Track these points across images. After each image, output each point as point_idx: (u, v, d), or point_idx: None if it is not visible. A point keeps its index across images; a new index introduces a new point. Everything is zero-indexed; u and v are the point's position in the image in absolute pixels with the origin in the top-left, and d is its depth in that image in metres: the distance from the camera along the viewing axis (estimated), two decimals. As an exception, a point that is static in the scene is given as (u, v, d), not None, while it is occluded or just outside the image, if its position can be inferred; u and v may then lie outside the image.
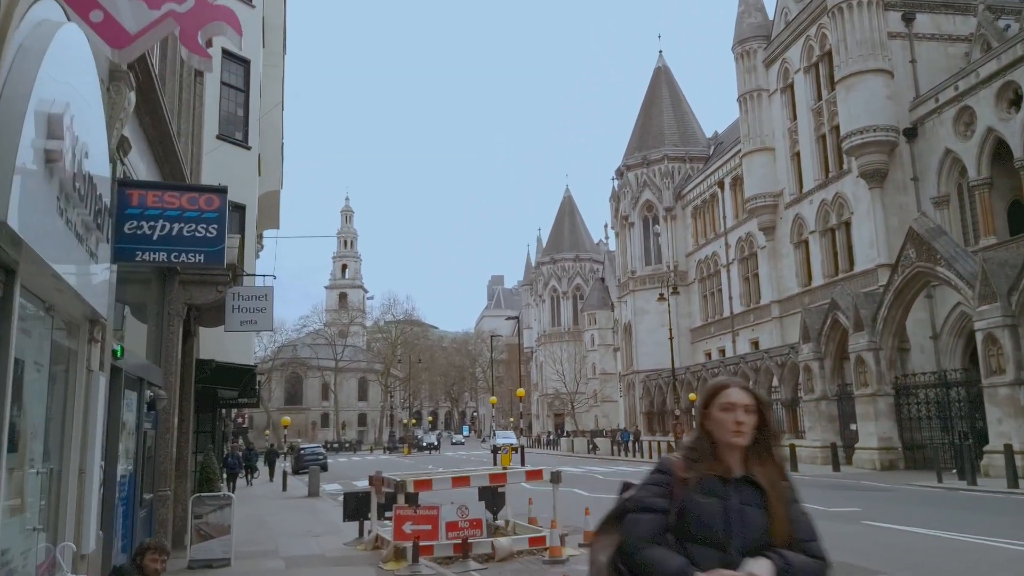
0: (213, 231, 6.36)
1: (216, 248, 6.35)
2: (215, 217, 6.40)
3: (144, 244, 6.16)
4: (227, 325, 11.92)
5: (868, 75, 33.82)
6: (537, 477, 10.57)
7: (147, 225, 6.16)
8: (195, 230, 6.30)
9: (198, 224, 6.32)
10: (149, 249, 6.18)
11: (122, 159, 6.21)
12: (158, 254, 6.22)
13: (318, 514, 18.16)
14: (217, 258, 6.38)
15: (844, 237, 37.30)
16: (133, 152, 7.28)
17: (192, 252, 6.30)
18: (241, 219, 14.35)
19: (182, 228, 6.27)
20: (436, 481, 10.10)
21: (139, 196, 6.18)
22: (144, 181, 6.41)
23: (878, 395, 28.29)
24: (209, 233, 6.34)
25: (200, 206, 6.35)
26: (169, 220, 6.23)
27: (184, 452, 12.25)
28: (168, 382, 10.37)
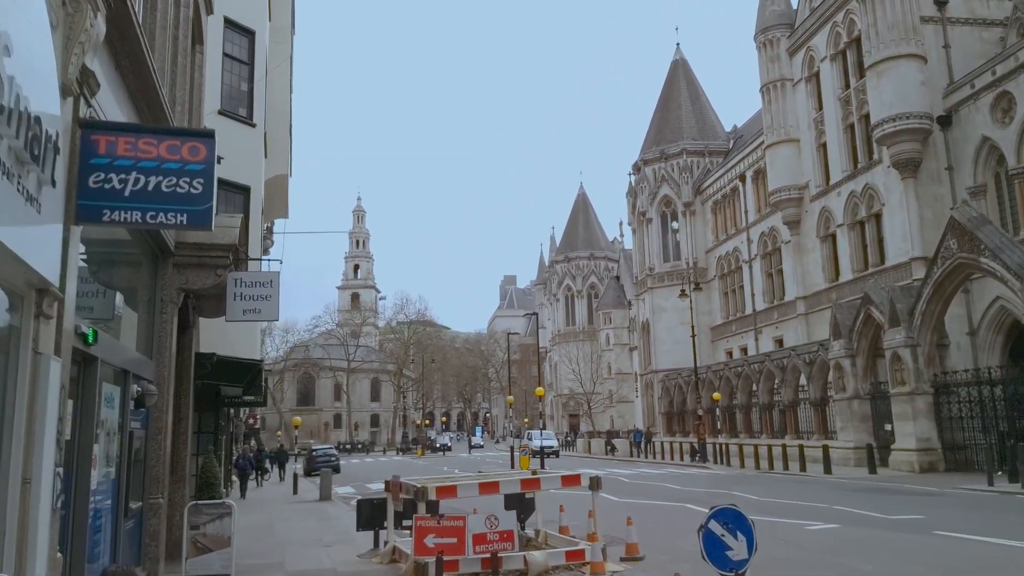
0: (198, 186, 5.21)
1: (202, 208, 5.21)
2: (201, 170, 5.26)
3: (113, 201, 5.02)
4: (228, 314, 10.80)
5: (900, 60, 32.41)
6: (574, 483, 9.37)
7: (117, 178, 5.03)
8: (176, 185, 5.16)
9: (180, 178, 5.18)
10: (119, 207, 5.04)
11: (86, 96, 5.07)
12: (130, 213, 5.08)
13: (329, 520, 17.05)
14: (203, 220, 5.24)
15: (874, 230, 35.88)
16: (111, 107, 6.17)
17: (173, 212, 5.16)
18: (245, 202, 13.26)
19: (160, 182, 5.13)
20: (461, 487, 8.92)
21: (107, 143, 5.05)
22: (114, 123, 5.30)
23: (916, 394, 26.89)
24: (193, 189, 5.20)
25: (183, 156, 5.21)
26: (144, 172, 5.10)
27: (182, 454, 11.14)
28: (161, 376, 9.26)
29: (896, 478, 24.01)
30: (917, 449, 26.44)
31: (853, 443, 29.99)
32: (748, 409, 41.15)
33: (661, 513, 14.64)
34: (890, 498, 17.10)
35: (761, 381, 39.20)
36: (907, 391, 27.06)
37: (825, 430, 33.68)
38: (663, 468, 34.36)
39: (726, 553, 6.73)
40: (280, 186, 17.45)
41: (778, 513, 14.16)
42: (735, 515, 6.83)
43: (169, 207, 5.13)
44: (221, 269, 9.70)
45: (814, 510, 14.56)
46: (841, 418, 31.22)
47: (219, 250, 9.67)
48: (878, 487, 20.63)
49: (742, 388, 41.59)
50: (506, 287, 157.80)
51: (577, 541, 9.79)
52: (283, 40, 16.82)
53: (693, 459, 38.04)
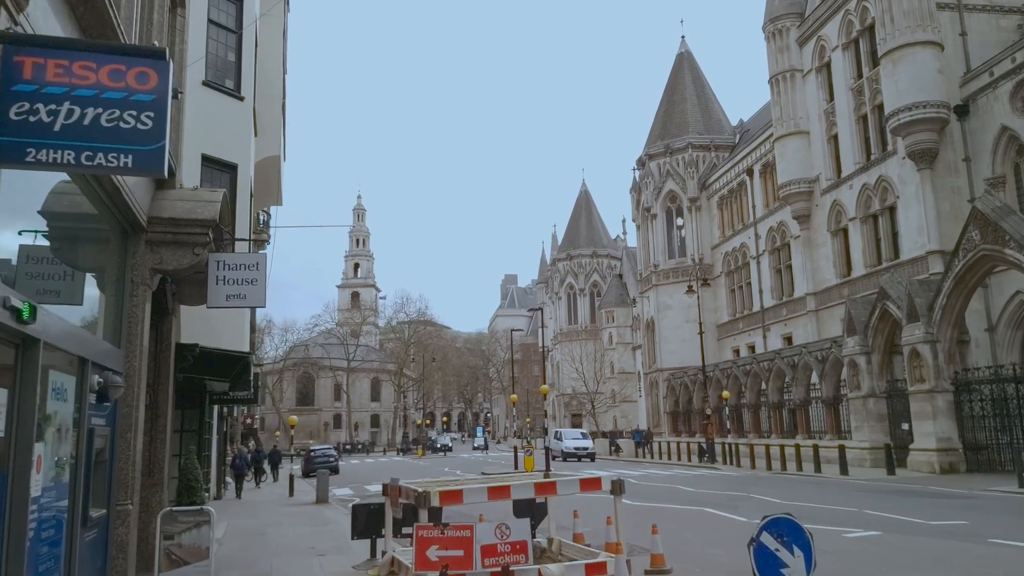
0: (147, 121, 4.21)
1: (152, 148, 4.20)
2: (151, 101, 4.25)
3: (40, 138, 4.02)
4: (210, 300, 9.78)
5: (916, 47, 31.40)
6: (594, 487, 8.33)
7: (45, 110, 4.03)
8: (120, 119, 4.16)
9: (125, 110, 4.17)
10: (48, 145, 4.04)
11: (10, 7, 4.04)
12: (62, 153, 4.07)
13: (325, 525, 16.03)
14: (152, 163, 4.24)
15: (888, 223, 34.88)
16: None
17: (115, 152, 4.15)
18: (232, 181, 12.24)
19: (99, 115, 4.13)
20: (467, 492, 7.89)
21: (34, 66, 4.05)
22: (41, 37, 4.28)
23: (936, 391, 25.88)
24: (141, 124, 4.19)
25: (128, 84, 4.20)
26: (80, 103, 4.09)
27: (159, 455, 10.13)
28: (131, 367, 8.24)
29: (917, 479, 23.00)
30: (937, 449, 25.44)
31: (869, 443, 28.99)
32: (757, 408, 40.13)
33: (680, 518, 13.62)
34: (920, 501, 16.07)
35: (771, 379, 38.18)
36: (926, 389, 26.05)
37: (838, 430, 32.66)
38: (671, 469, 33.34)
39: (781, 571, 5.74)
40: (272, 169, 16.44)
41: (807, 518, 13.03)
42: (791, 526, 5.84)
43: (111, 146, 4.13)
44: (200, 248, 8.67)
45: (845, 515, 13.53)
46: (856, 417, 30.20)
47: (197, 226, 8.65)
48: (902, 489, 19.61)
49: (751, 387, 40.57)
50: (507, 286, 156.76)
51: (596, 552, 8.77)
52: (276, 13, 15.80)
53: (701, 459, 37.02)
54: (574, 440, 43.22)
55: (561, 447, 42.73)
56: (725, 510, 14.95)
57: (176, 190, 9.25)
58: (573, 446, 41.02)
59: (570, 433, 46.23)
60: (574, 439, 43.64)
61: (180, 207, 8.79)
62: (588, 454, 42.58)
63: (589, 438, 46.59)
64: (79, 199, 7.20)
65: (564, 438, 44.21)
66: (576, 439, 43.79)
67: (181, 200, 8.96)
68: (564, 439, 43.74)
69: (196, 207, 8.83)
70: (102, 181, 6.98)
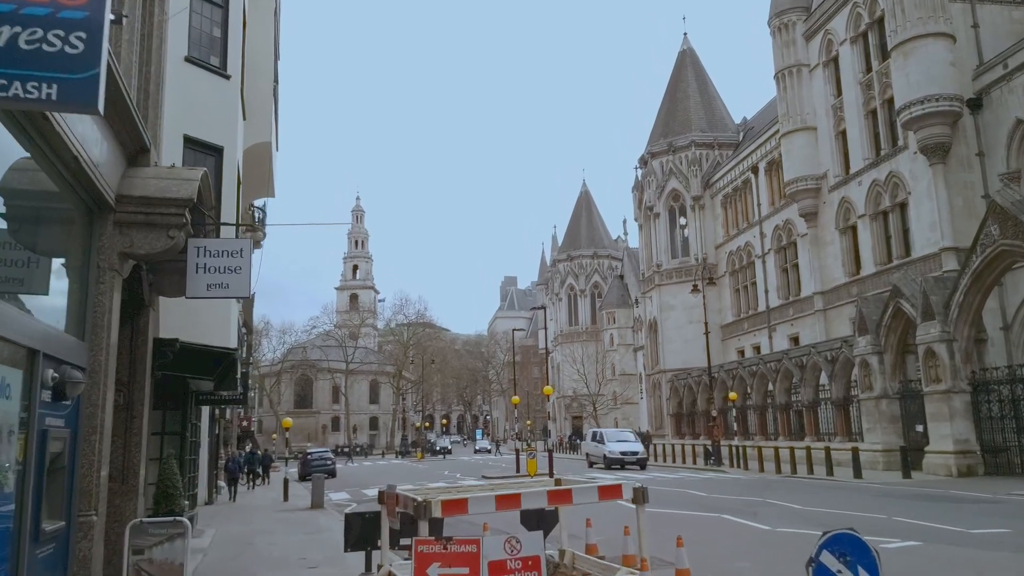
0: (77, 44, 3.37)
1: (82, 76, 3.36)
2: (82, 19, 3.40)
3: (-60, 62, 3.18)
4: (189, 289, 8.92)
5: (928, 39, 30.60)
6: (614, 495, 7.45)
7: (-53, 28, 3.19)
8: (43, 41, 3.32)
9: (49, 30, 3.34)
10: (-51, 71, 3.20)
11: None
12: (-34, 81, 3.23)
13: (319, 533, 15.16)
14: (83, 95, 3.39)
15: (899, 220, 34.06)
16: None
17: (36, 81, 3.31)
18: (218, 165, 11.39)
19: (18, 36, 3.29)
20: (473, 501, 7.03)
21: (-68, -28, 3.21)
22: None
23: (953, 392, 25.02)
24: (70, 47, 3.36)
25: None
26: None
27: (134, 459, 9.27)
28: (96, 362, 7.39)
29: (935, 483, 22.13)
30: (955, 452, 24.58)
31: (881, 445, 28.14)
32: (763, 410, 39.26)
33: (697, 526, 12.76)
34: (949, 507, 15.22)
35: (778, 380, 37.32)
36: (943, 389, 25.20)
37: (848, 431, 31.80)
38: (677, 472, 32.46)
39: (845, 596, 4.89)
40: (263, 157, 15.58)
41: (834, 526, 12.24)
42: (854, 543, 4.99)
43: (31, 73, 3.29)
44: (175, 230, 7.82)
45: (875, 523, 12.67)
46: (868, 419, 29.35)
47: (172, 205, 7.80)
48: (923, 493, 18.76)
49: (757, 388, 39.71)
50: (506, 288, 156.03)
51: (615, 567, 7.90)
52: (266, -9, 14.99)
53: (707, 462, 36.13)
54: (621, 443, 35.31)
55: (603, 451, 35.15)
56: (744, 517, 14.09)
57: (150, 168, 8.40)
58: (619, 450, 33.50)
59: (615, 434, 37.53)
60: (621, 441, 35.60)
61: (153, 185, 7.95)
62: (638, 460, 34.38)
63: (639, 440, 37.68)
64: (38, 175, 6.37)
65: (607, 440, 36.03)
66: (624, 441, 35.83)
67: (156, 178, 8.12)
68: (607, 441, 35.73)
69: (172, 185, 7.99)
70: (58, 150, 6.14)
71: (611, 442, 35.93)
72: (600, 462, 35.49)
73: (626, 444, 35.83)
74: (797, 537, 11.34)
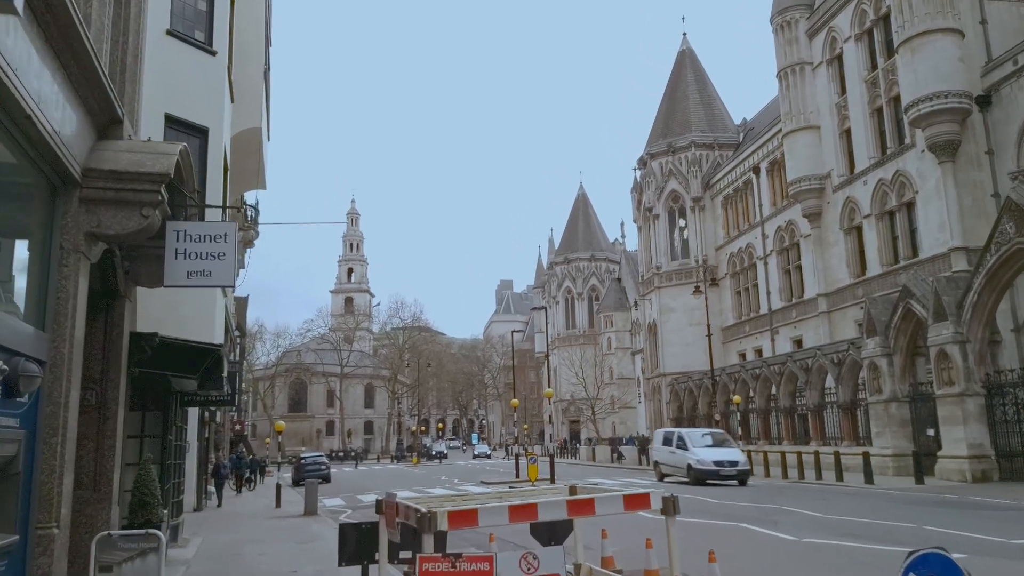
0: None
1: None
2: None
3: None
4: (167, 276, 8.10)
5: (937, 35, 29.97)
6: (640, 506, 6.66)
7: None
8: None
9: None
10: None
11: None
12: None
13: (312, 542, 14.31)
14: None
15: (906, 220, 33.40)
16: None
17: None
18: (202, 147, 10.57)
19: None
20: (483, 512, 6.22)
21: None
22: None
23: (966, 395, 24.28)
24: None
25: None
26: None
27: (107, 464, 8.43)
28: (58, 355, 6.56)
29: (950, 488, 21.37)
30: (969, 456, 23.82)
31: (891, 449, 27.39)
32: (767, 413, 38.50)
33: (717, 536, 11.95)
34: (977, 514, 14.44)
35: (782, 383, 36.58)
36: (956, 392, 24.46)
37: (855, 435, 31.06)
38: (680, 477, 31.59)
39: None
40: (253, 144, 14.76)
41: (867, 536, 11.49)
42: (944, 565, 4.20)
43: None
44: (149, 208, 7.01)
45: (905, 533, 11.89)
46: (877, 423, 28.58)
47: (146, 181, 6.99)
48: (943, 500, 17.99)
49: (760, 391, 38.95)
50: (502, 292, 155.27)
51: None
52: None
53: (710, 467, 35.26)
54: (713, 448, 26.44)
55: (688, 460, 26.30)
56: (764, 526, 13.29)
57: (123, 141, 7.59)
58: (712, 458, 25.25)
59: (700, 435, 28.04)
60: (713, 446, 26.62)
61: (126, 159, 7.13)
62: (739, 474, 25.50)
63: (734, 446, 28.09)
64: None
65: (691, 444, 26.87)
66: (716, 446, 26.76)
67: (129, 151, 7.31)
68: (692, 446, 26.63)
69: (146, 159, 7.18)
70: (7, 107, 5.33)
71: (698, 447, 26.50)
72: (679, 474, 27.18)
73: (721, 450, 26.38)
74: (827, 549, 10.56)
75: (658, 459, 28.31)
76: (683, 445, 27.52)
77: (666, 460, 28.76)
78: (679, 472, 27.25)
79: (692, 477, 25.95)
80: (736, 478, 25.50)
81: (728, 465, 25.69)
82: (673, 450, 28.10)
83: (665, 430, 31.48)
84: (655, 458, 28.13)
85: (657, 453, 29.29)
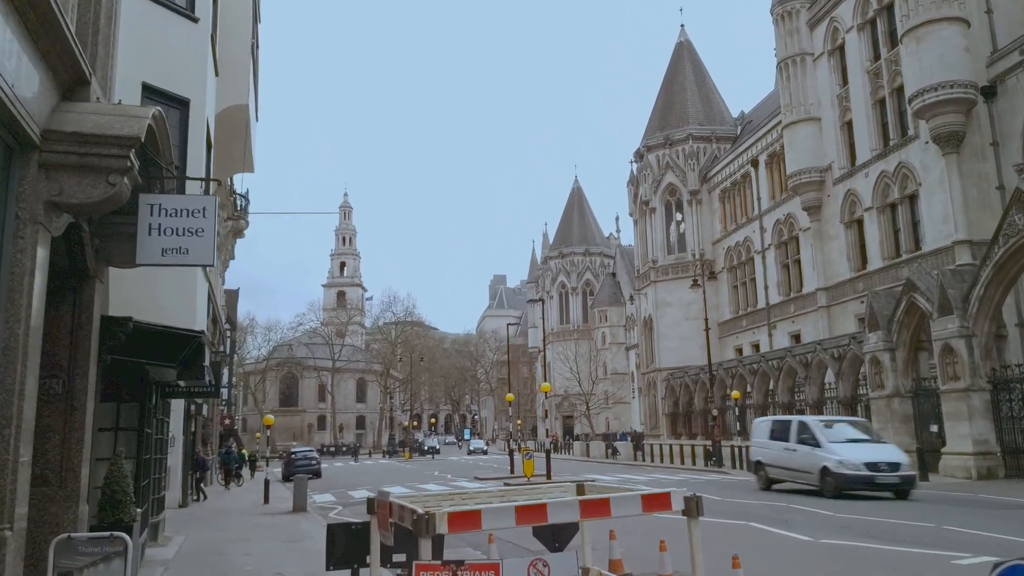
0: None
1: None
2: None
3: None
4: (140, 254, 7.41)
5: (942, 24, 29.41)
6: (661, 506, 6.02)
7: None
8: None
9: None
10: None
11: None
12: None
13: (300, 541, 13.65)
14: None
15: (908, 213, 32.88)
16: None
17: None
18: (183, 120, 9.86)
19: None
20: (487, 514, 5.57)
21: None
22: None
23: (972, 390, 23.76)
24: None
25: None
26: None
27: (74, 459, 7.74)
28: (12, 337, 5.87)
29: (957, 486, 20.84)
30: (974, 453, 23.32)
31: (894, 445, 26.84)
32: (765, 409, 37.97)
33: (728, 535, 11.35)
34: (992, 513, 13.88)
35: (780, 379, 36.10)
36: (961, 387, 23.95)
37: (855, 432, 30.51)
38: (677, 473, 31.12)
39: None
40: (239, 123, 14.03)
41: (888, 538, 10.89)
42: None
43: None
44: (116, 175, 6.31)
45: (924, 532, 11.32)
46: (879, 419, 28.03)
47: (113, 144, 6.29)
48: (952, 498, 17.46)
49: (758, 386, 38.47)
50: (496, 287, 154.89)
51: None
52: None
53: (708, 463, 34.84)
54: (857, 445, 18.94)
55: (825, 462, 18.53)
56: (775, 525, 12.70)
57: (90, 103, 6.88)
58: (863, 459, 17.90)
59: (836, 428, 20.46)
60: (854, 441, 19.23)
61: (91, 121, 6.43)
62: (902, 481, 18.08)
63: (892, 444, 21.21)
64: None
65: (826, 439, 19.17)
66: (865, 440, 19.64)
67: (96, 113, 6.60)
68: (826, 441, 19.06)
69: (114, 121, 6.48)
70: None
71: (836, 442, 18.87)
72: (800, 480, 19.94)
73: (873, 447, 19.01)
74: (847, 551, 9.97)
75: (763, 459, 21.86)
76: (810, 439, 19.57)
77: (777, 460, 21.13)
78: (801, 477, 19.77)
79: (828, 485, 18.18)
80: (896, 488, 17.79)
81: (887, 469, 17.88)
82: (791, 446, 20.37)
83: (773, 418, 24.64)
84: (756, 458, 22.38)
85: (760, 451, 22.34)
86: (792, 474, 20.59)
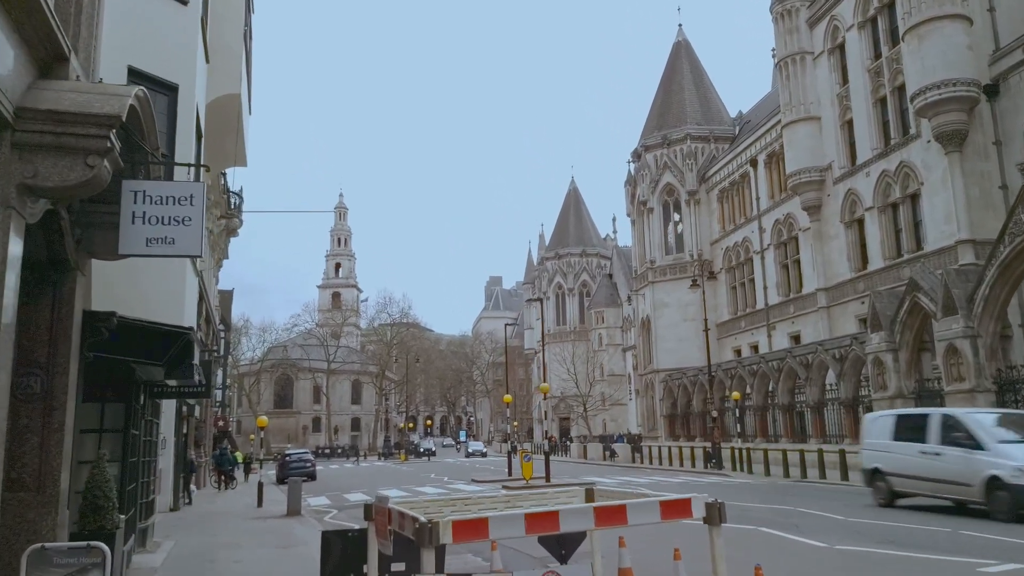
0: None
1: None
2: None
3: None
4: (122, 244, 6.98)
5: (945, 21, 29.10)
6: (680, 513, 5.62)
7: None
8: None
9: None
10: None
11: None
12: None
13: (294, 547, 13.20)
14: None
15: (910, 212, 32.56)
16: None
17: None
18: (172, 106, 9.44)
19: None
20: (495, 522, 5.15)
21: None
22: None
23: (977, 391, 23.44)
24: None
25: None
26: None
27: (53, 463, 7.30)
28: (-19, 330, 5.42)
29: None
30: (979, 455, 22.94)
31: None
32: (764, 410, 37.64)
33: (739, 541, 10.93)
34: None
35: (780, 380, 35.70)
36: (966, 388, 23.63)
37: (857, 434, 30.14)
38: (677, 476, 30.77)
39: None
40: (231, 113, 13.59)
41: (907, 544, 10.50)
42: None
43: None
44: (95, 157, 5.89)
45: (940, 538, 10.94)
46: (882, 420, 27.70)
47: (91, 124, 5.87)
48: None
49: (758, 388, 38.08)
50: (491, 288, 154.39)
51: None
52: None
53: (707, 465, 34.49)
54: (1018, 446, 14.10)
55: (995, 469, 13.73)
56: (786, 530, 12.30)
57: (69, 81, 6.45)
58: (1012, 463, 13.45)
59: (1002, 424, 15.44)
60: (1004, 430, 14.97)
61: (69, 99, 6.00)
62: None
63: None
64: None
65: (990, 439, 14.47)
66: None
67: (74, 91, 6.17)
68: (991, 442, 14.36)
69: (94, 100, 6.05)
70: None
71: (1007, 442, 14.36)
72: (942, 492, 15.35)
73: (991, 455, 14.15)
74: (866, 558, 9.58)
75: (883, 466, 16.82)
76: (965, 439, 14.82)
77: (909, 468, 16.04)
78: (950, 491, 15.03)
79: (1001, 503, 13.39)
80: None
81: None
82: (933, 449, 15.40)
83: (899, 412, 19.85)
84: (874, 464, 17.19)
85: (879, 455, 17.18)
86: (934, 486, 15.45)
